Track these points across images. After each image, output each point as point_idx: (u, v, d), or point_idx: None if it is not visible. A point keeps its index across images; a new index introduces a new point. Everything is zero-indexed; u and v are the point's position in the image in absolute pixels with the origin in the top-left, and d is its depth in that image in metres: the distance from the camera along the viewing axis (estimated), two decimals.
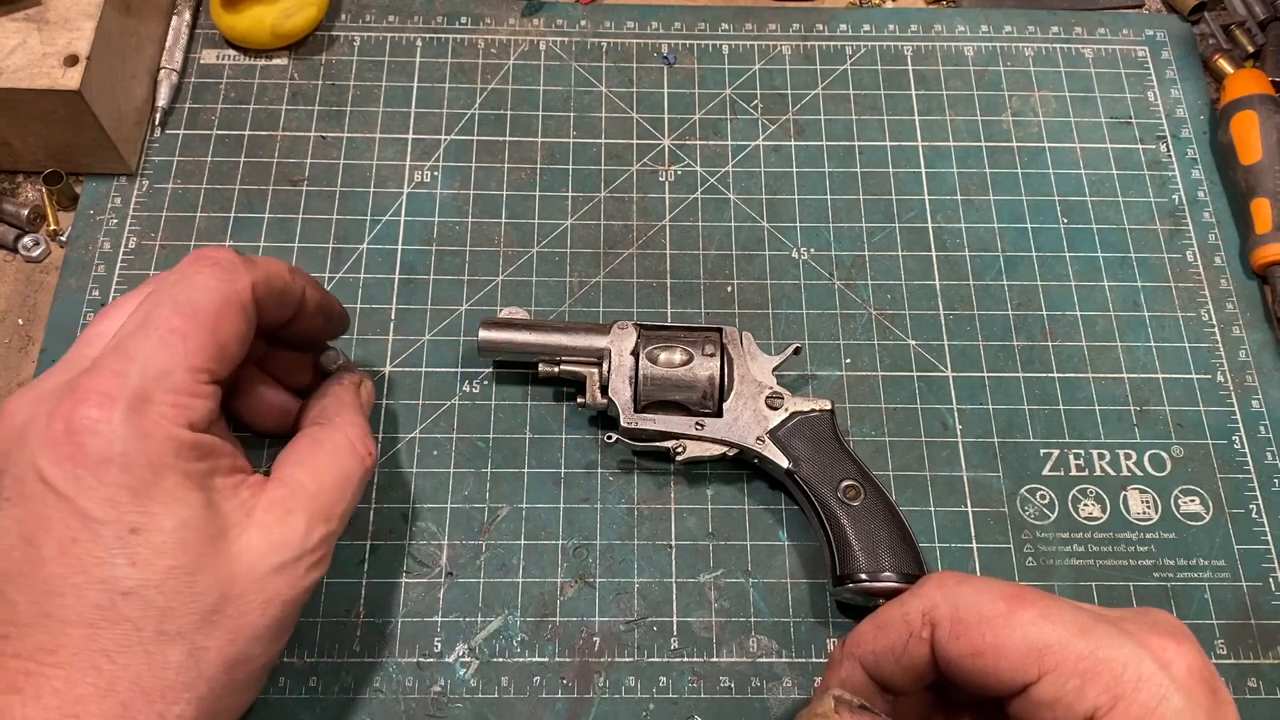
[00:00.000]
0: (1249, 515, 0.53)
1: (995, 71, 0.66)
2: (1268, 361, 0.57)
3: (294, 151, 0.62)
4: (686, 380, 0.49)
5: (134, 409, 0.34)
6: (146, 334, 0.36)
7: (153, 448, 0.34)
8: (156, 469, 0.34)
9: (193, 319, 0.36)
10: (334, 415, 0.43)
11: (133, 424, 0.34)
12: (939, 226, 0.61)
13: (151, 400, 0.34)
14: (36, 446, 0.33)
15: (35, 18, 0.56)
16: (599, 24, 0.67)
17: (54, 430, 0.33)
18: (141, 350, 0.35)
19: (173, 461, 0.34)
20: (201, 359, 0.36)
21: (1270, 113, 0.61)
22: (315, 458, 0.40)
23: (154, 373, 0.35)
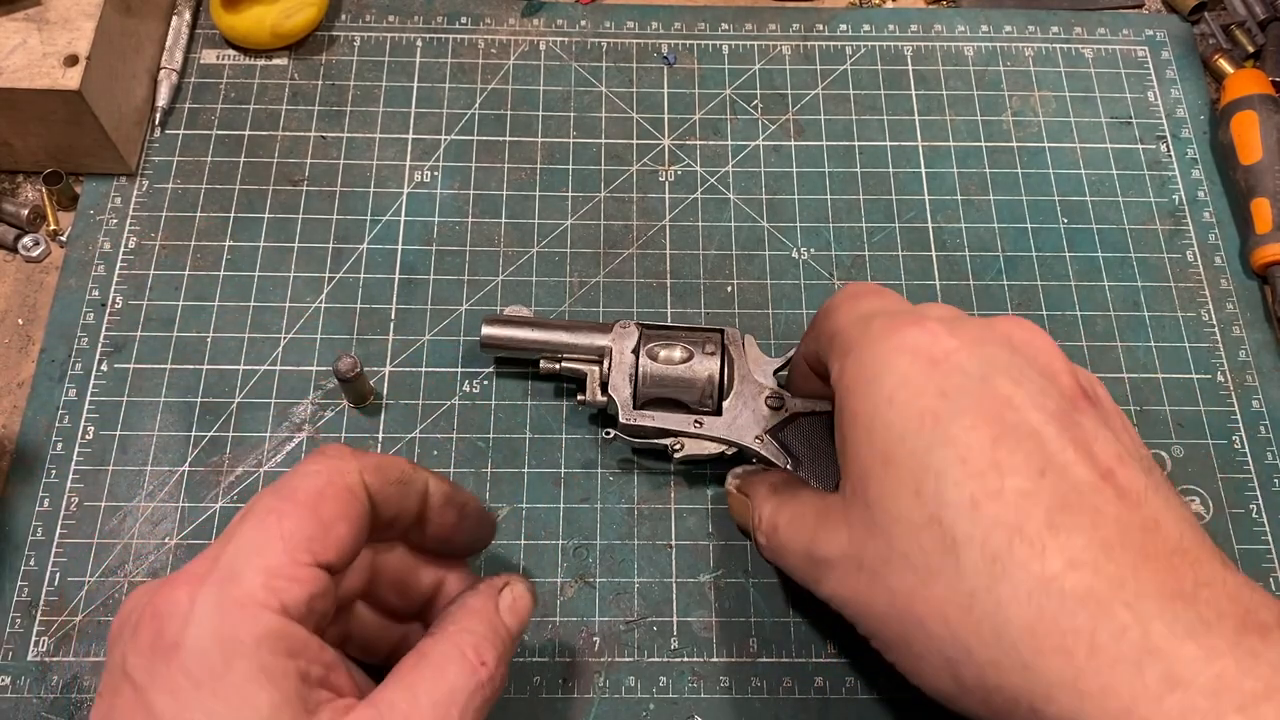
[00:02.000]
0: (1249, 515, 0.53)
1: (995, 71, 0.66)
2: (1268, 361, 0.57)
3: (294, 151, 0.62)
4: (686, 378, 0.49)
5: (219, 586, 0.30)
6: (244, 519, 0.33)
7: (229, 627, 0.29)
8: (228, 655, 0.29)
9: (291, 499, 0.33)
10: (451, 622, 0.36)
11: (213, 602, 0.30)
12: (939, 226, 0.61)
13: (239, 577, 0.30)
14: (127, 635, 0.31)
15: (35, 18, 0.56)
16: (599, 24, 0.67)
17: (143, 616, 0.31)
18: (238, 532, 0.32)
19: (251, 650, 0.29)
20: (299, 537, 0.32)
21: (1270, 113, 0.61)
22: (417, 672, 0.33)
23: (246, 550, 0.31)
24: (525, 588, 0.39)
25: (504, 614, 0.37)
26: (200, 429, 0.54)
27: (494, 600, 0.37)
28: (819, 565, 0.39)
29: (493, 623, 0.36)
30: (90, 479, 0.52)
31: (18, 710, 0.48)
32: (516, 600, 0.38)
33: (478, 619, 0.36)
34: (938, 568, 0.33)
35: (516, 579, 0.39)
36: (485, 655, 0.34)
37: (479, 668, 0.34)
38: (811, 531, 0.39)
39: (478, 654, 0.34)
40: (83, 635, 0.49)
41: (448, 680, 0.33)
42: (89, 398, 0.54)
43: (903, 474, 0.34)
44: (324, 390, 0.55)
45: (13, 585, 0.50)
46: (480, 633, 0.35)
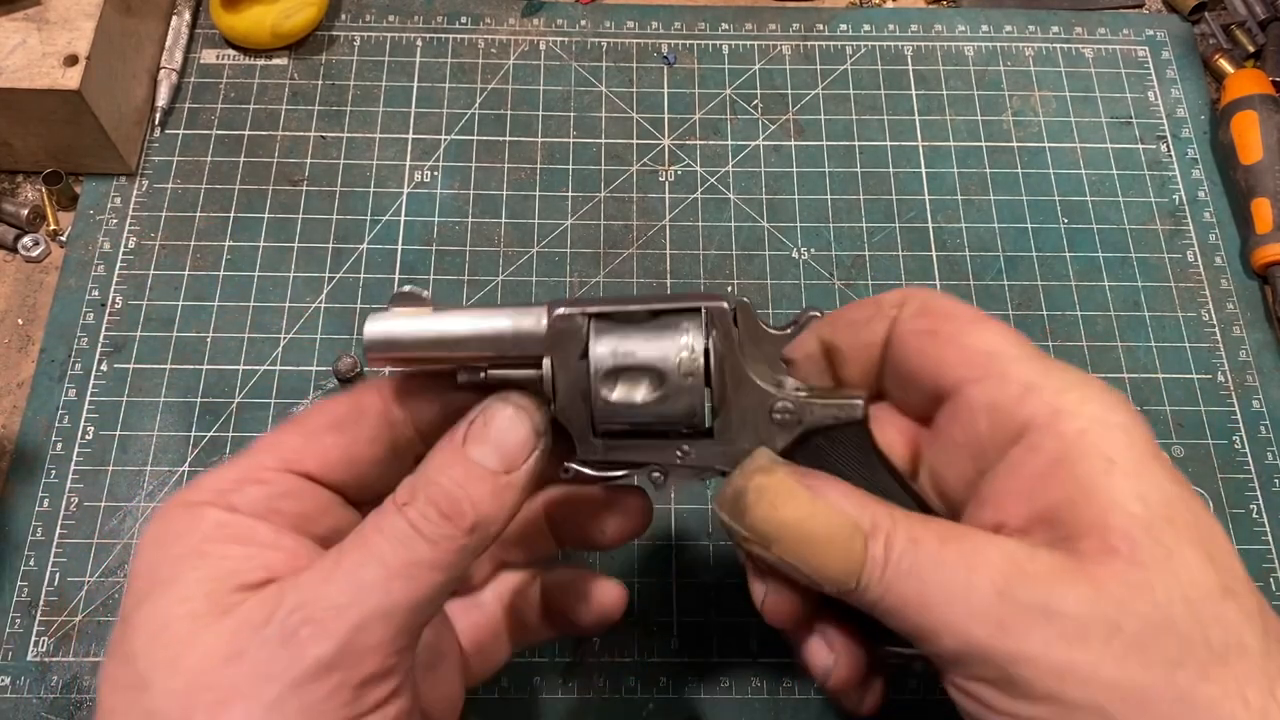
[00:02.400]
0: (1250, 515, 0.53)
1: (995, 71, 0.66)
2: (1268, 361, 0.57)
3: (294, 151, 0.62)
4: (659, 411, 0.33)
5: (176, 497, 0.31)
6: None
7: (163, 526, 0.30)
8: (162, 548, 0.30)
9: (288, 420, 0.33)
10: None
11: (161, 511, 0.31)
12: (939, 226, 0.61)
13: (197, 487, 0.31)
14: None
15: (35, 17, 0.56)
16: (599, 24, 0.66)
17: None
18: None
19: (177, 539, 0.29)
20: (276, 447, 0.31)
21: (1270, 112, 0.61)
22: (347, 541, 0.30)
23: (221, 467, 0.31)
24: (502, 404, 0.31)
25: (468, 444, 0.30)
26: (200, 429, 0.54)
27: (455, 435, 0.31)
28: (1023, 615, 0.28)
29: (444, 460, 0.30)
30: (90, 479, 0.52)
31: (17, 710, 0.48)
32: (486, 422, 0.31)
33: (429, 462, 0.30)
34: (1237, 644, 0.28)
35: (494, 399, 0.32)
36: (425, 501, 0.29)
37: (412, 519, 0.29)
38: (1005, 576, 0.28)
39: (408, 497, 0.29)
40: (82, 635, 0.49)
41: (371, 541, 0.28)
42: (89, 398, 0.54)
43: (1189, 535, 0.29)
44: (324, 390, 0.55)
45: (12, 585, 0.50)
46: (423, 475, 0.30)
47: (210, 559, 0.29)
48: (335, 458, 0.32)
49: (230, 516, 0.30)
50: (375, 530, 0.29)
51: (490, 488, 0.30)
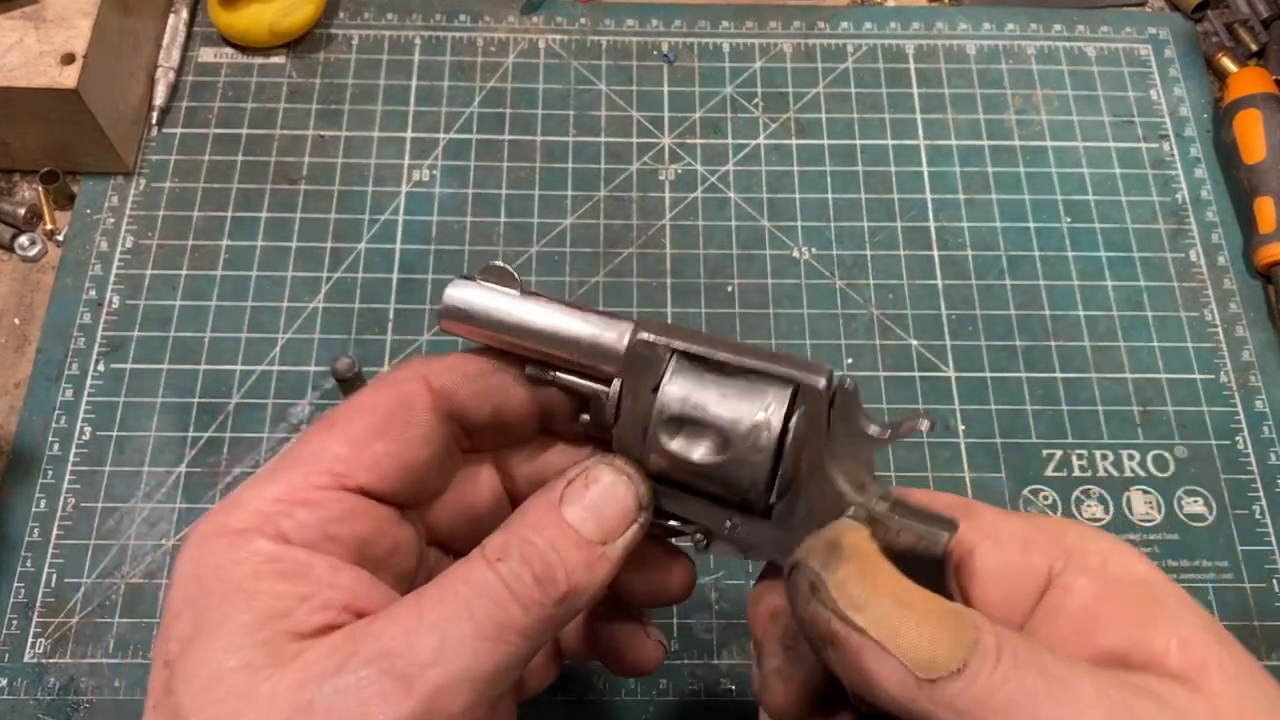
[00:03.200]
0: (1252, 516, 0.53)
1: (997, 70, 0.66)
2: (1271, 362, 0.57)
3: (292, 150, 0.61)
4: (714, 477, 0.30)
5: (214, 518, 0.28)
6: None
7: (204, 556, 0.27)
8: (203, 581, 0.27)
9: (326, 420, 0.29)
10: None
11: (198, 535, 0.28)
12: (941, 226, 0.60)
13: (239, 506, 0.28)
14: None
15: (32, 16, 0.56)
16: (599, 22, 0.66)
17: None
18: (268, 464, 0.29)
19: (221, 575, 0.26)
20: (322, 459, 0.28)
21: (1274, 111, 0.60)
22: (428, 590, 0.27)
23: (260, 478, 0.28)
24: (606, 468, 0.29)
25: (565, 504, 0.28)
26: (198, 429, 0.53)
27: (552, 492, 0.28)
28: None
29: (539, 518, 0.27)
30: (87, 480, 0.52)
31: (14, 712, 0.47)
32: (587, 484, 0.28)
33: (522, 517, 0.28)
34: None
35: (598, 460, 0.29)
36: (519, 561, 0.26)
37: (506, 577, 0.26)
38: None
39: (501, 553, 0.26)
40: (80, 637, 0.49)
41: (459, 594, 0.26)
42: (86, 398, 0.54)
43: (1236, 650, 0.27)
44: (322, 390, 0.55)
45: (9, 587, 0.50)
46: (517, 532, 0.27)
47: (261, 599, 0.26)
48: (389, 468, 0.29)
49: (280, 549, 0.27)
50: (464, 583, 0.26)
51: (586, 558, 0.27)
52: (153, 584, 0.50)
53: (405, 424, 0.29)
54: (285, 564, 0.26)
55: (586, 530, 0.27)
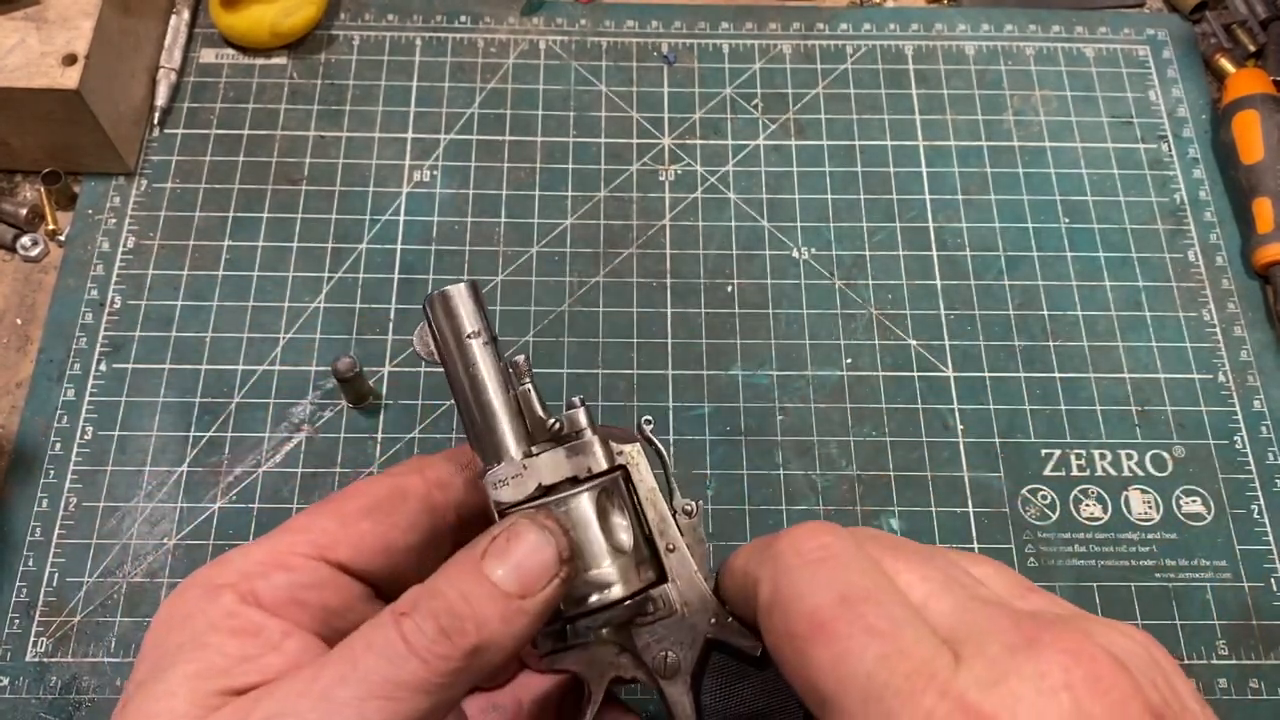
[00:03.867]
0: (1250, 516, 0.53)
1: (996, 71, 0.66)
2: (1269, 361, 0.57)
3: (293, 151, 0.61)
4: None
5: (202, 572, 0.29)
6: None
7: (179, 604, 0.28)
8: (171, 628, 0.28)
9: (324, 500, 0.31)
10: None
11: (183, 586, 0.29)
12: (940, 226, 0.61)
13: (226, 564, 0.29)
14: None
15: (34, 17, 0.56)
16: (599, 23, 0.66)
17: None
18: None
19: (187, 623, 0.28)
20: (310, 532, 0.30)
21: (1272, 112, 0.60)
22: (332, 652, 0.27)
23: (255, 544, 0.30)
24: (529, 524, 0.28)
25: (486, 559, 0.27)
26: (199, 429, 0.54)
27: (474, 548, 0.28)
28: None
29: (456, 572, 0.27)
30: (89, 479, 0.52)
31: (16, 710, 0.47)
32: (509, 539, 0.28)
33: (441, 572, 0.28)
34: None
35: (522, 515, 0.29)
36: (424, 614, 0.26)
37: (406, 631, 0.26)
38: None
39: (408, 607, 0.26)
40: (81, 636, 0.49)
41: (353, 653, 0.26)
42: (87, 398, 0.54)
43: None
44: (323, 390, 0.55)
45: (11, 586, 0.50)
46: (429, 585, 0.27)
47: (208, 653, 0.27)
48: (370, 545, 0.30)
49: (241, 607, 0.27)
50: (364, 642, 0.26)
51: (501, 610, 0.27)
52: (154, 583, 0.50)
53: (394, 509, 0.31)
54: (239, 621, 0.27)
55: (505, 584, 0.27)
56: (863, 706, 0.24)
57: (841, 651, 0.25)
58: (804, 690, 0.26)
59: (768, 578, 0.27)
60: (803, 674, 0.26)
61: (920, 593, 0.26)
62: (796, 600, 0.26)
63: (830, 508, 0.53)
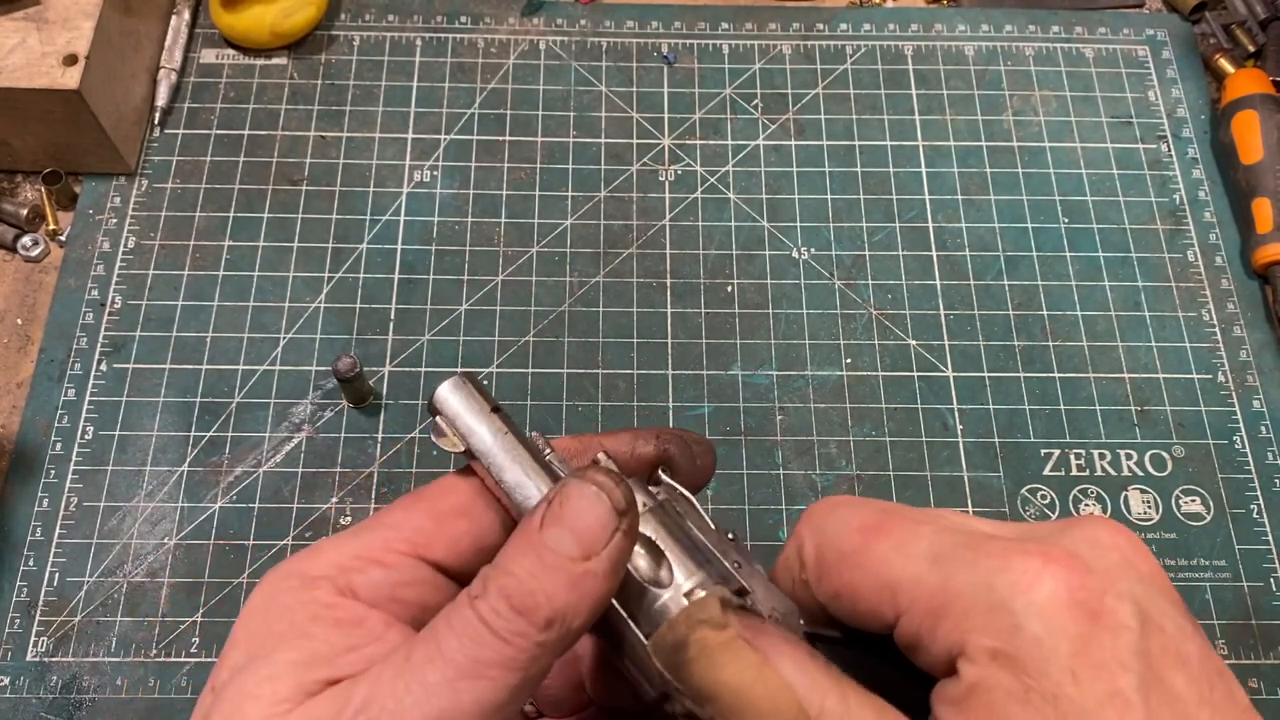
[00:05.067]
0: (1250, 515, 0.53)
1: (996, 71, 0.66)
2: (1268, 361, 0.57)
3: (293, 151, 0.62)
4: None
5: (295, 561, 0.29)
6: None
7: (273, 592, 0.28)
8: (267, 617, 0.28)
9: (416, 493, 0.31)
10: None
11: (276, 573, 0.29)
12: (939, 226, 0.61)
13: (318, 555, 0.29)
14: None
15: (34, 17, 0.56)
16: (599, 23, 0.66)
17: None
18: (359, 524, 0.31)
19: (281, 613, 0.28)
20: (405, 528, 0.29)
21: (1271, 112, 0.60)
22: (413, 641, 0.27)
23: (346, 536, 0.29)
24: (579, 483, 0.28)
25: (545, 529, 0.27)
26: (199, 429, 0.54)
27: (532, 519, 0.28)
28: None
29: (517, 547, 0.27)
30: (89, 479, 0.52)
31: (16, 710, 0.47)
32: (562, 503, 0.27)
33: (504, 550, 0.27)
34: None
35: (570, 477, 0.28)
36: (495, 594, 0.26)
37: (483, 613, 0.26)
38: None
39: (479, 589, 0.26)
40: (82, 635, 0.49)
41: (438, 637, 0.26)
42: (88, 398, 0.54)
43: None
44: (323, 390, 0.55)
45: (12, 585, 0.50)
46: (496, 564, 0.27)
47: (312, 642, 0.27)
48: (465, 545, 0.30)
49: (341, 600, 0.28)
50: (445, 625, 0.26)
51: (566, 577, 0.27)
52: (154, 583, 0.50)
53: (485, 508, 0.30)
54: (342, 613, 0.27)
55: (564, 548, 0.27)
56: (935, 566, 0.26)
57: (898, 539, 0.27)
58: (870, 593, 0.27)
59: (811, 531, 0.29)
60: (864, 577, 0.27)
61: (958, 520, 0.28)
62: (840, 527, 0.28)
63: None
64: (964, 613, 0.26)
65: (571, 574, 0.27)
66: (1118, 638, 0.25)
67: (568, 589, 0.27)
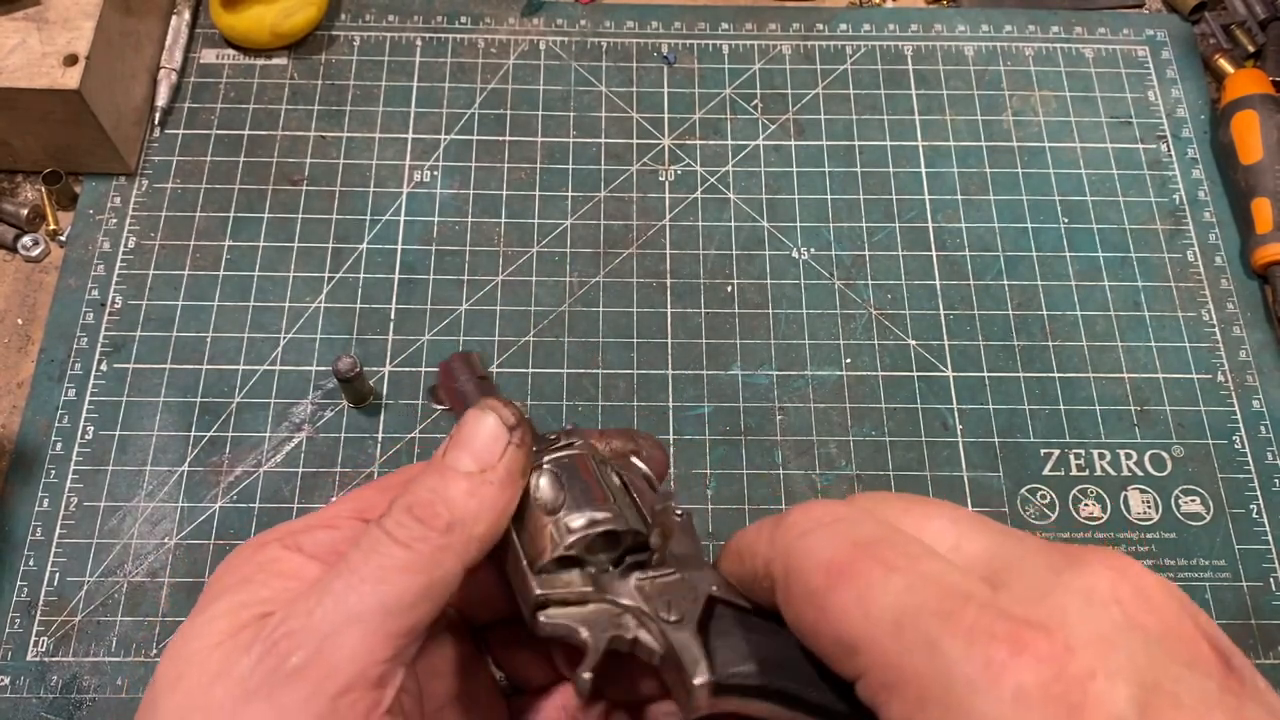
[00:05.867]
0: (1249, 515, 0.53)
1: (995, 71, 0.66)
2: (1268, 361, 0.57)
3: (293, 151, 0.62)
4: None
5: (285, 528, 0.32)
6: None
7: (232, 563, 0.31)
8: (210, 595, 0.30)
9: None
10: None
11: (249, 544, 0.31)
12: (939, 226, 0.61)
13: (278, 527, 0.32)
14: None
15: (35, 17, 0.56)
16: (599, 23, 0.66)
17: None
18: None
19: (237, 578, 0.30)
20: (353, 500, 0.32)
21: (1270, 112, 0.61)
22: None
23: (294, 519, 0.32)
24: (474, 412, 0.31)
25: (446, 453, 0.30)
26: (200, 429, 0.54)
27: (438, 453, 0.31)
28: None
29: (423, 470, 0.30)
30: (89, 479, 0.52)
31: (16, 710, 0.47)
32: (459, 428, 0.30)
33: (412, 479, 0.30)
34: None
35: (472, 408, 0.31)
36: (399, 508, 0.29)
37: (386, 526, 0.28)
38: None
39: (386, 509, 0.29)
40: (82, 635, 0.49)
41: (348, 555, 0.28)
42: (88, 398, 0.54)
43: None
44: (323, 390, 0.55)
45: (12, 585, 0.50)
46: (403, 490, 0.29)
47: (252, 585, 0.29)
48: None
49: (285, 552, 0.30)
50: (354, 547, 0.29)
51: (465, 486, 0.29)
52: (155, 582, 0.50)
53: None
54: (283, 564, 0.30)
55: (462, 464, 0.30)
56: (895, 635, 0.23)
57: (863, 589, 0.24)
58: (830, 645, 0.25)
59: (780, 550, 0.27)
60: (825, 627, 0.25)
61: (952, 535, 0.26)
62: (810, 558, 0.26)
63: None
64: (919, 701, 0.23)
65: (470, 483, 0.29)
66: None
67: (465, 496, 0.29)
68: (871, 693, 0.24)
